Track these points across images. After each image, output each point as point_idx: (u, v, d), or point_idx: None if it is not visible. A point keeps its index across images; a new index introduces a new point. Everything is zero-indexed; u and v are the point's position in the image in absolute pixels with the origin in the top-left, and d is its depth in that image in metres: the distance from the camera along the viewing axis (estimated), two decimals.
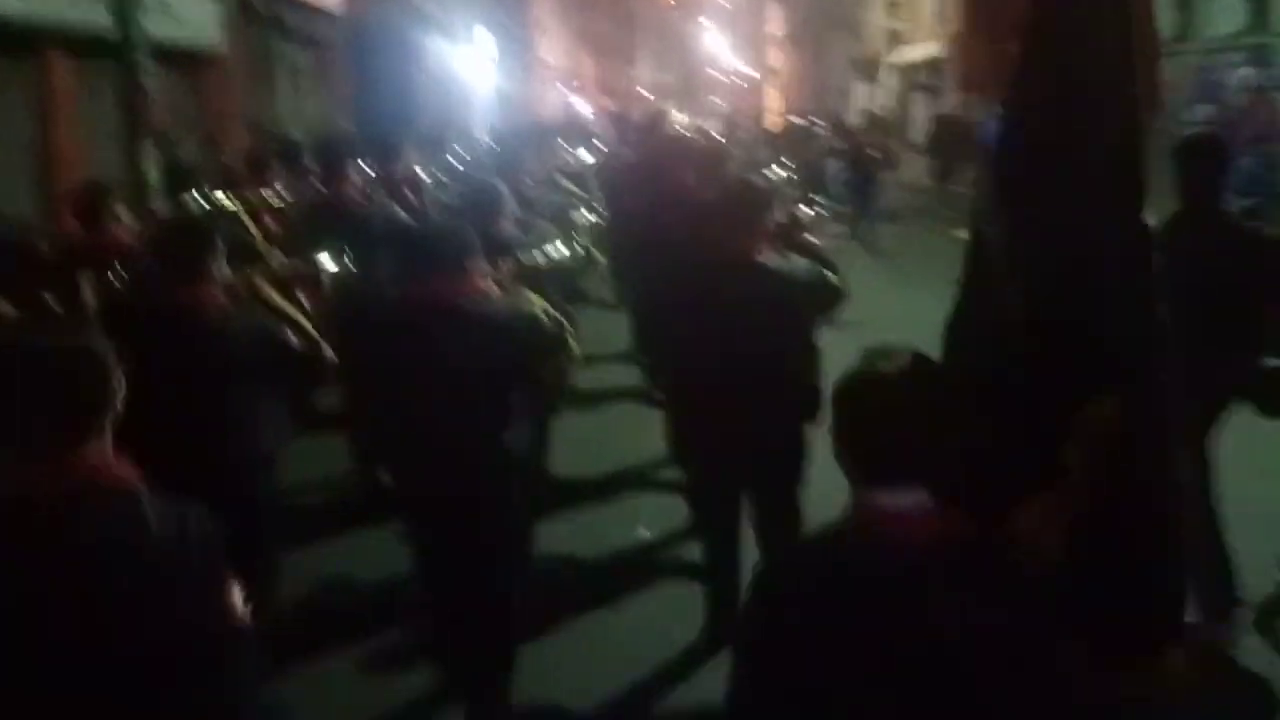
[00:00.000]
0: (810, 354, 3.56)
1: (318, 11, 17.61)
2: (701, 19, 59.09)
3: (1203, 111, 11.95)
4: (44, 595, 1.68)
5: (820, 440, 3.52)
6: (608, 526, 4.91)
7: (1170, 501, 1.50)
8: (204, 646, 1.73)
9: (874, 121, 18.85)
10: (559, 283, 3.99)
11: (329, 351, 3.37)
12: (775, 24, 50.84)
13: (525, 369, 3.26)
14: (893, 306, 6.94)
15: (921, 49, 25.34)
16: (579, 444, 5.52)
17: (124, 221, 4.41)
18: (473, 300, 3.13)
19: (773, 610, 1.55)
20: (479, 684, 3.29)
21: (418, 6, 22.21)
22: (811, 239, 3.84)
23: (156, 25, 8.95)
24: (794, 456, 3.61)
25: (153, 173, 10.85)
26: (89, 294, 3.68)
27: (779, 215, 3.76)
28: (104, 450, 1.78)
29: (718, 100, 52.68)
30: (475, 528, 3.19)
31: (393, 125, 19.09)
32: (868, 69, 29.73)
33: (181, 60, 11.58)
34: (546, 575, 4.12)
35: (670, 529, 4.77)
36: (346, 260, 3.91)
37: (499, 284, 3.43)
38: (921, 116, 24.53)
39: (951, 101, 22.61)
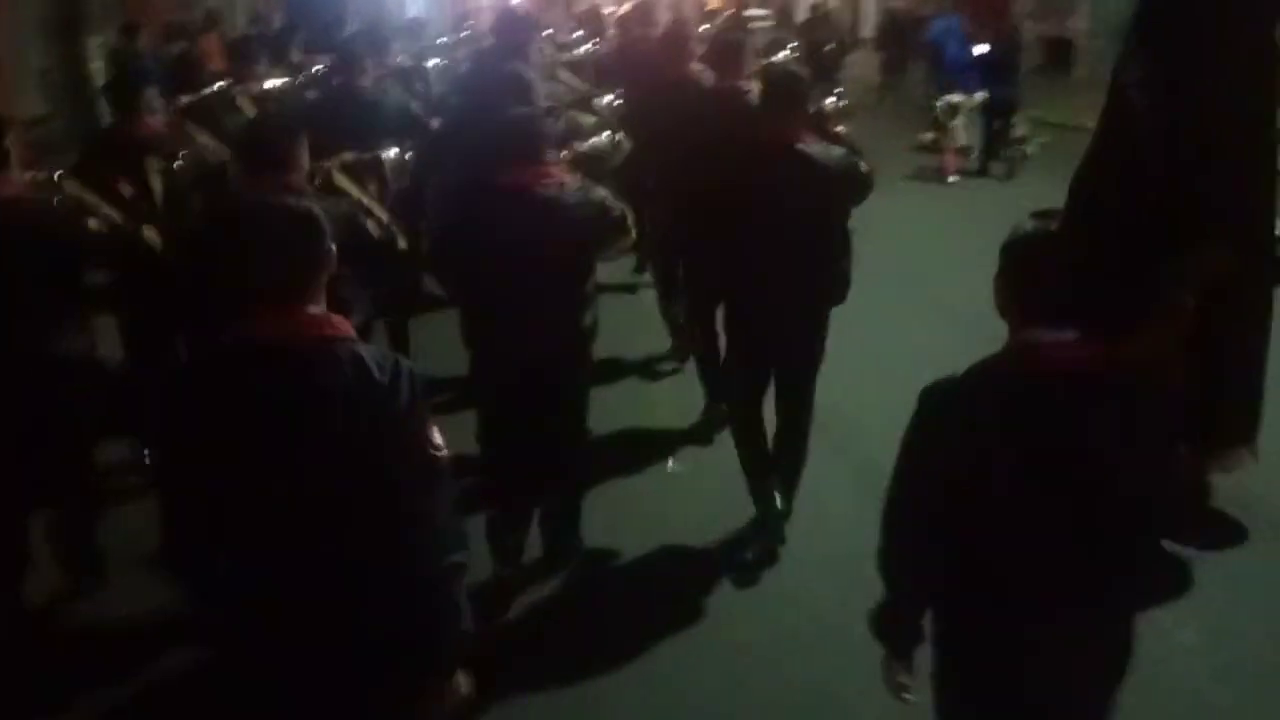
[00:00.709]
0: (844, 240, 3.92)
1: None
2: None
3: None
4: (287, 425, 2.00)
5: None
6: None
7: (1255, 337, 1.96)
8: (414, 471, 2.07)
9: (823, 15, 18.89)
10: (601, 170, 4.27)
11: (401, 237, 3.65)
12: None
13: (596, 252, 3.59)
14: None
15: None
16: None
17: (156, 112, 4.54)
18: (551, 187, 3.42)
19: (939, 429, 1.96)
20: (558, 524, 3.77)
21: None
22: (840, 128, 4.17)
23: None
24: (822, 337, 4.01)
25: (96, 65, 10.62)
26: (156, 180, 3.88)
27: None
28: (323, 305, 2.09)
29: None
30: (554, 396, 3.57)
31: (326, 13, 18.54)
32: None
33: None
34: None
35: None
36: (405, 151, 4.14)
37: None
38: (872, 11, 24.61)
39: None
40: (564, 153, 3.91)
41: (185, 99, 4.82)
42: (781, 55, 6.12)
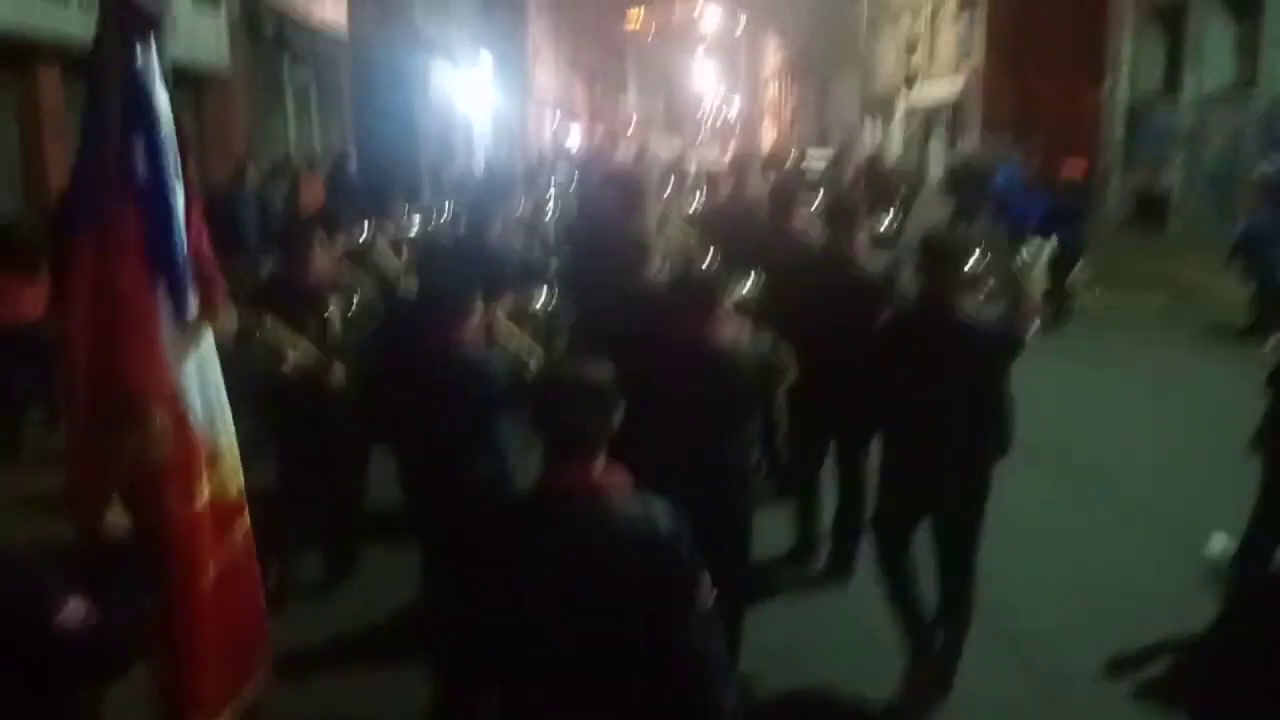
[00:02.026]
0: (1007, 398, 4.11)
1: (322, 32, 18.16)
2: (695, 49, 59.94)
3: (1273, 161, 12.74)
4: (580, 569, 2.25)
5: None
6: None
7: None
8: (694, 618, 2.30)
9: (884, 161, 19.54)
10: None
11: None
12: (775, 57, 51.94)
13: (761, 397, 3.88)
14: None
15: (940, 86, 26.34)
16: None
17: (324, 253, 4.95)
18: (724, 340, 3.73)
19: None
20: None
21: (421, 29, 22.98)
22: (989, 290, 4.44)
23: None
24: (986, 491, 4.18)
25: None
26: (336, 323, 4.30)
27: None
28: (604, 459, 2.38)
29: (708, 131, 53.34)
30: (715, 533, 3.75)
31: (397, 148, 19.61)
32: (882, 106, 30.73)
33: (185, 79, 11.86)
34: None
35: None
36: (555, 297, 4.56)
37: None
38: (939, 156, 25.51)
39: (970, 141, 23.58)
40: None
41: (344, 244, 5.27)
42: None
